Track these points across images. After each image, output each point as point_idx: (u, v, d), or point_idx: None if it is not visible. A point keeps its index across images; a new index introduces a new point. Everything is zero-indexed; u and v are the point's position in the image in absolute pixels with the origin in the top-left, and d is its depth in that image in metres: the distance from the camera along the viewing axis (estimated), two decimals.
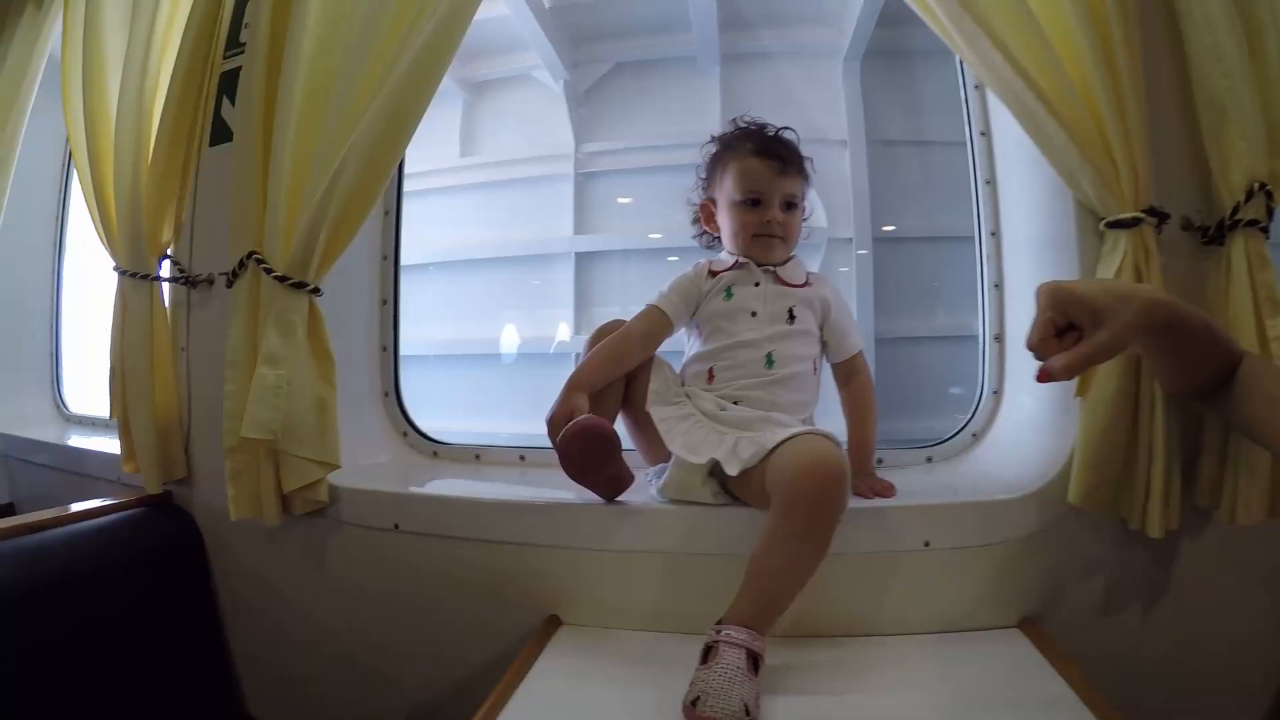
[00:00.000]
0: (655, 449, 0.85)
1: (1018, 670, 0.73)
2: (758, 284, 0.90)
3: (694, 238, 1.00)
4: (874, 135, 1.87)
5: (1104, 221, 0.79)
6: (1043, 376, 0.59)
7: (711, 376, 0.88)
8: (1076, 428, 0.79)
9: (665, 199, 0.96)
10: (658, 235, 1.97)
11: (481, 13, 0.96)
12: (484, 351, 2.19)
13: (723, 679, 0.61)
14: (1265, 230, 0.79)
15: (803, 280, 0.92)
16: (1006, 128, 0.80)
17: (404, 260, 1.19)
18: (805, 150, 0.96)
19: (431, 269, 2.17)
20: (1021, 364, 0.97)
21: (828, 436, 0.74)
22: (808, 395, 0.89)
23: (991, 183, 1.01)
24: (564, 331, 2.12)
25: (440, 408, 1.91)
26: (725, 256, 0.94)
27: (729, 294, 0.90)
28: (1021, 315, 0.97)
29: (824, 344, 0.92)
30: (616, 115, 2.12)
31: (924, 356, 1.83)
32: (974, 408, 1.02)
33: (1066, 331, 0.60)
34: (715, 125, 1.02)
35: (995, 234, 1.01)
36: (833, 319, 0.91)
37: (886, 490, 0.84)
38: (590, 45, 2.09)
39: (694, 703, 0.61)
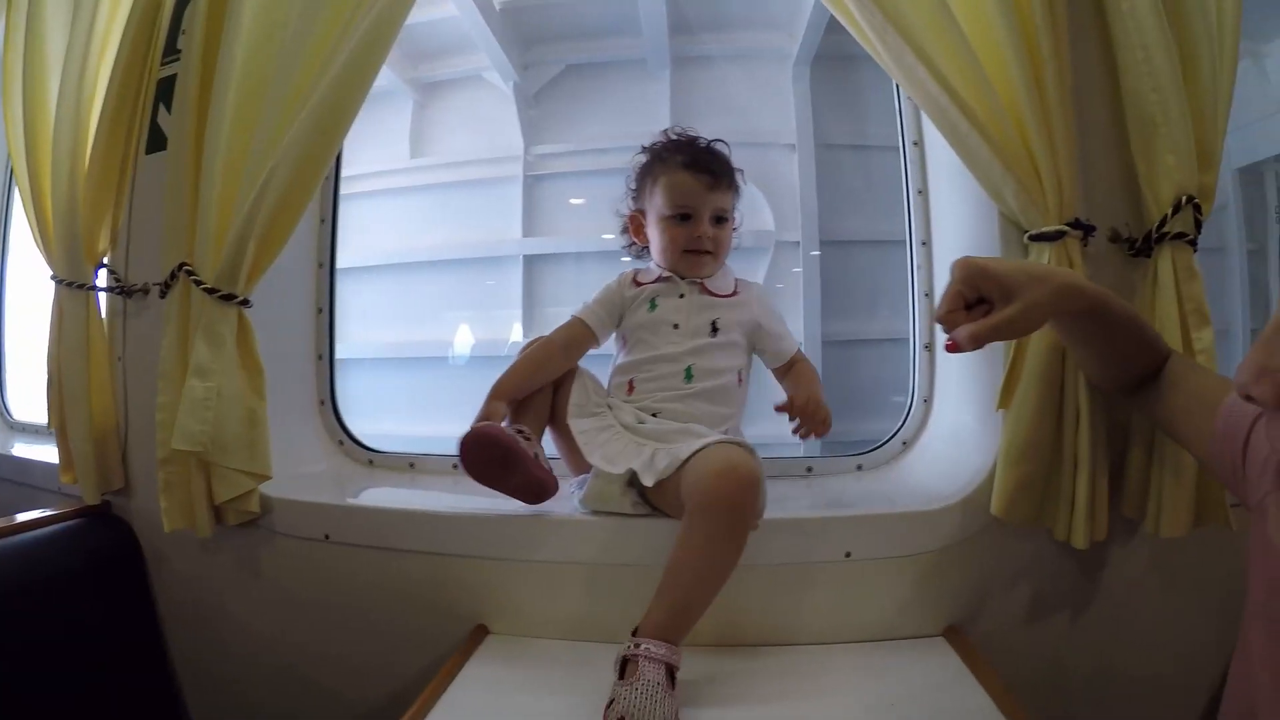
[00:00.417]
0: (579, 460, 0.85)
1: (939, 680, 0.74)
2: (682, 295, 0.90)
3: (623, 248, 0.99)
4: (822, 139, 1.88)
5: (1027, 234, 0.79)
6: (950, 347, 0.59)
7: (631, 388, 0.88)
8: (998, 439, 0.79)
9: (616, 201, 0.96)
10: (610, 236, 1.95)
11: (431, 13, 0.95)
12: (435, 354, 2.17)
13: (645, 697, 0.61)
14: (1193, 243, 0.80)
15: (730, 290, 0.91)
16: (939, 137, 0.80)
17: (353, 262, 1.18)
18: (755, 153, 0.96)
19: (381, 271, 2.13)
20: (951, 373, 0.98)
21: (742, 445, 0.74)
22: (729, 408, 0.88)
23: (924, 192, 1.02)
24: (516, 333, 2.11)
25: (389, 411, 1.91)
26: (653, 267, 0.94)
27: (653, 305, 0.90)
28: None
29: (761, 354, 0.92)
30: (566, 117, 2.11)
31: (872, 358, 1.85)
32: (904, 416, 1.03)
33: (976, 306, 0.60)
34: (665, 128, 1.00)
35: (926, 243, 1.01)
36: (765, 329, 0.91)
37: (821, 411, 0.81)
38: (540, 47, 2.08)
39: None
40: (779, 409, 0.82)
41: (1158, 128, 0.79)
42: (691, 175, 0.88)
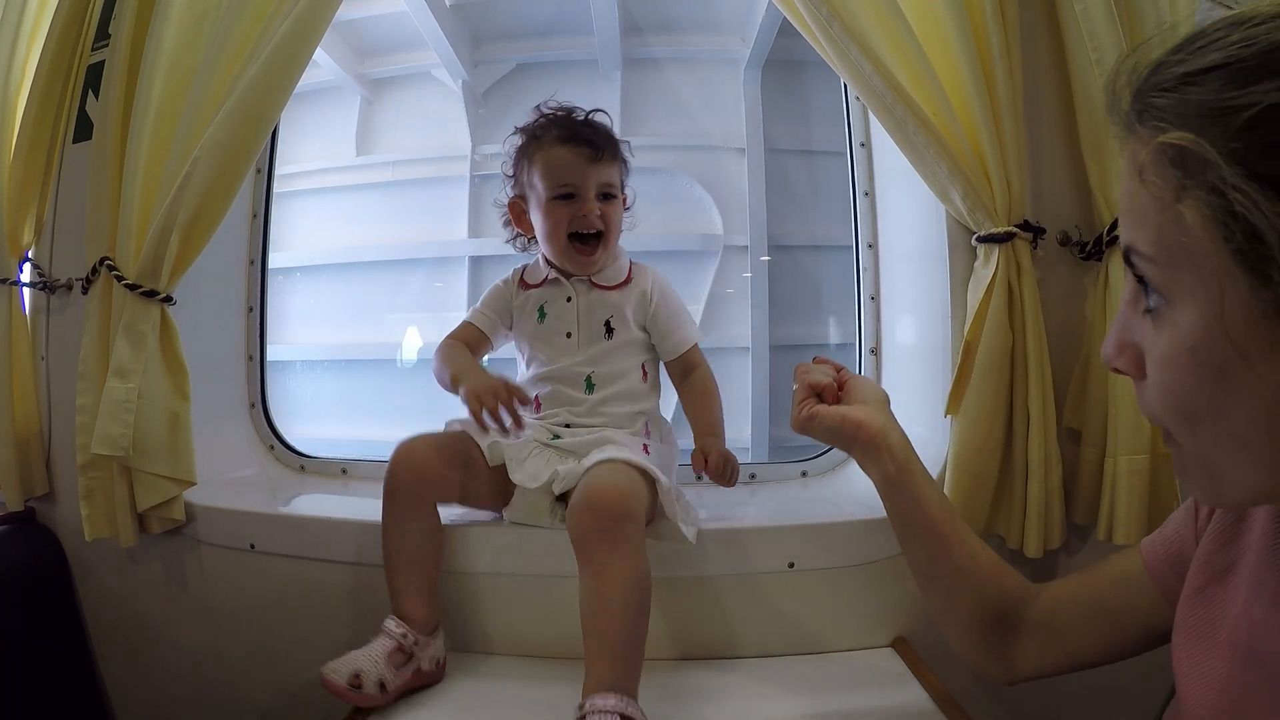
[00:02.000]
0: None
1: (888, 692, 0.72)
2: (569, 299, 0.83)
3: (506, 241, 0.91)
4: (772, 144, 1.86)
5: (975, 236, 0.77)
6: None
7: (539, 404, 0.84)
8: (947, 446, 0.78)
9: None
10: None
11: (380, 8, 0.92)
12: (380, 356, 2.09)
13: None
14: None
15: (623, 278, 0.85)
16: (887, 139, 0.78)
17: (297, 261, 1.14)
18: (704, 156, 0.92)
19: (326, 270, 2.07)
20: (898, 379, 0.96)
21: (627, 463, 0.70)
22: (640, 403, 0.83)
23: (870, 194, 1.00)
24: None
25: (332, 414, 1.85)
26: (540, 263, 0.87)
27: (542, 314, 0.84)
28: (898, 328, 0.96)
29: (655, 345, 0.85)
30: (516, 117, 2.05)
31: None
32: None
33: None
34: (615, 129, 0.95)
35: (873, 246, 1.00)
36: (657, 315, 0.83)
37: (731, 467, 0.77)
38: (491, 45, 2.04)
39: None
40: (695, 464, 0.78)
41: (1110, 129, 0.78)
42: (569, 149, 0.80)
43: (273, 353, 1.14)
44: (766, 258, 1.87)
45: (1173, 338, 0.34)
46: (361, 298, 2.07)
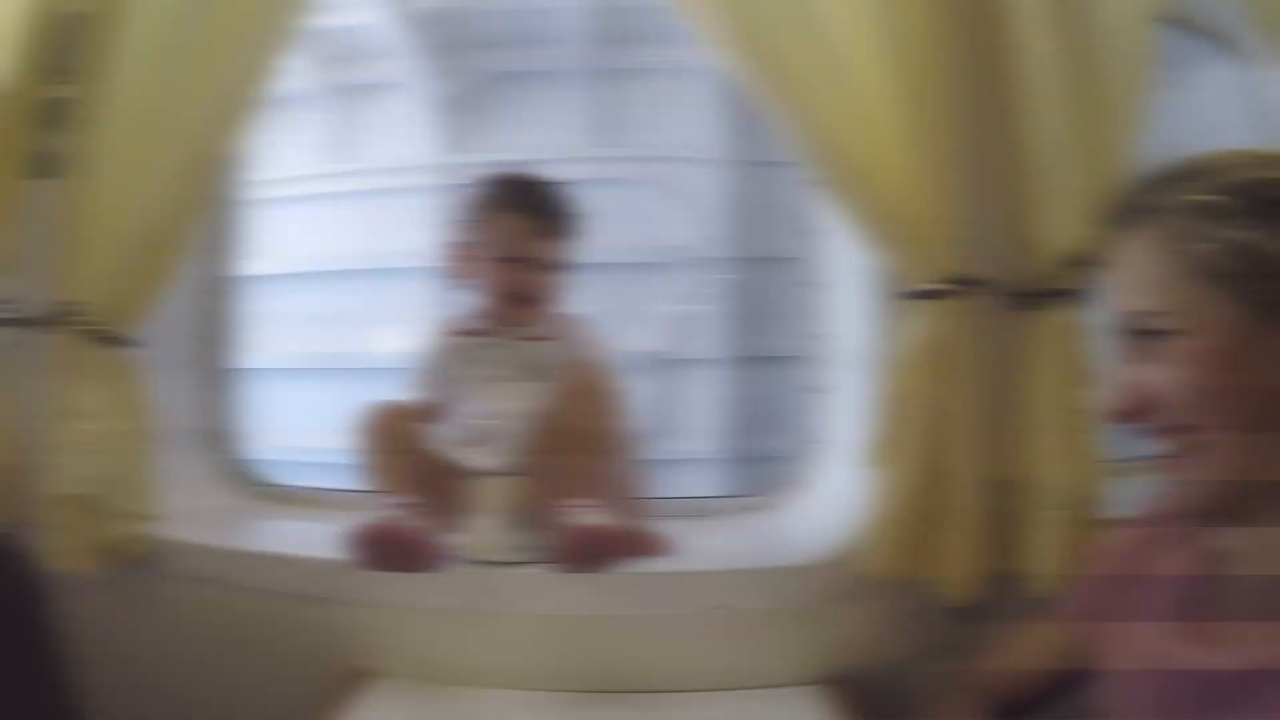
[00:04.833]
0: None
1: None
2: (496, 346, 0.89)
3: (450, 282, 0.96)
4: (744, 156, 1.86)
5: (907, 290, 0.78)
6: None
7: None
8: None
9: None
10: None
11: (353, 17, 0.93)
12: (357, 366, 2.08)
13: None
14: (1081, 300, 0.79)
15: (550, 333, 0.90)
16: None
17: (270, 270, 1.15)
18: (676, 167, 0.95)
19: (299, 279, 2.07)
20: (841, 415, 0.98)
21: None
22: None
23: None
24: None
25: (307, 426, 1.87)
26: (472, 314, 0.92)
27: (470, 360, 0.90)
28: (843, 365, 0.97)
29: None
30: (487, 126, 2.04)
31: (787, 376, 1.83)
32: (793, 458, 1.02)
33: None
34: (588, 135, 0.98)
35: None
36: None
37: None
38: (463, 55, 2.02)
39: None
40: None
41: (1050, 182, 0.79)
42: (518, 218, 0.86)
43: (246, 362, 1.16)
44: (739, 269, 1.87)
45: (1194, 349, 0.43)
46: (334, 306, 2.09)
